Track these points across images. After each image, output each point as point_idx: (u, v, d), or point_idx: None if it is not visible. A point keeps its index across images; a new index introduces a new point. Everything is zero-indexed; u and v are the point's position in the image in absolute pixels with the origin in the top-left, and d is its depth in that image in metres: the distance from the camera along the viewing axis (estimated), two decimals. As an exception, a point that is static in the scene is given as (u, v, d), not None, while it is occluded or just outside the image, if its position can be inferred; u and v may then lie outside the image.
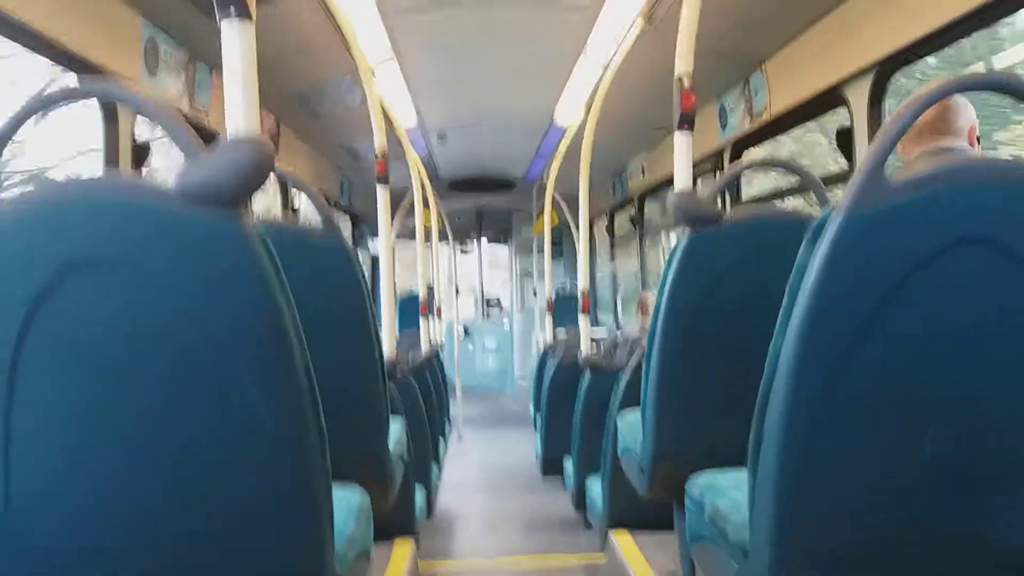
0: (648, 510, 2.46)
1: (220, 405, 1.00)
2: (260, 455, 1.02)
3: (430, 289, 4.91)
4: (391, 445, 1.99)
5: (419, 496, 3.22)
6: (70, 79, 2.37)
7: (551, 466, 4.49)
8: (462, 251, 10.13)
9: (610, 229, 7.17)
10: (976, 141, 1.87)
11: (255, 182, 0.98)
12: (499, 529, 4.20)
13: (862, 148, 2.65)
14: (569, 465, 3.97)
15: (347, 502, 1.51)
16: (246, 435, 1.01)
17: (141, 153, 2.66)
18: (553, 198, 5.06)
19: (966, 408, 1.09)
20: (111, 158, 2.52)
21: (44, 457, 1.00)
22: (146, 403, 1.00)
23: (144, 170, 2.69)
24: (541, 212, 5.68)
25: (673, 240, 5.98)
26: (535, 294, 8.55)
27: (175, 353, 0.98)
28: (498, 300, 10.37)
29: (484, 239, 10.05)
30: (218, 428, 1.01)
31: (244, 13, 1.06)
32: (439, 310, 6.12)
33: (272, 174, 2.04)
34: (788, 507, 1.12)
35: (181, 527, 1.04)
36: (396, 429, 2.15)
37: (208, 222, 0.96)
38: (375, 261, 7.26)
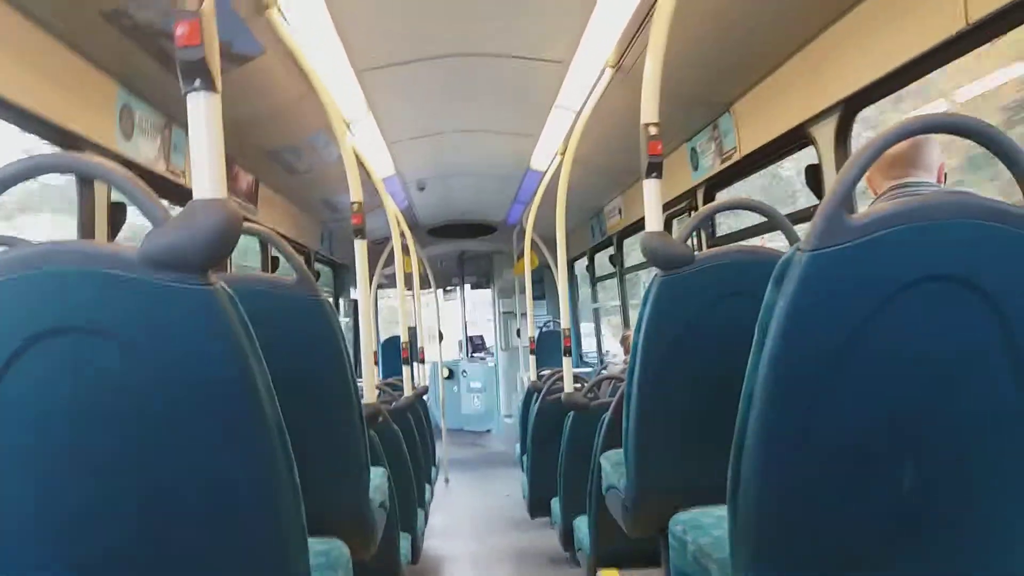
0: (635, 548, 2.45)
1: (192, 468, 1.00)
2: (233, 516, 1.02)
3: (412, 333, 4.91)
4: (372, 494, 1.99)
5: (404, 544, 3.20)
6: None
7: (539, 507, 4.47)
8: (445, 295, 10.15)
9: (591, 268, 7.22)
10: (943, 179, 1.92)
11: (223, 246, 0.98)
12: (488, 571, 4.16)
13: (831, 185, 2.70)
14: (556, 505, 3.96)
15: (326, 556, 1.51)
16: (218, 497, 1.01)
17: (117, 217, 2.67)
18: (533, 240, 5.09)
19: (939, 441, 1.10)
20: (87, 225, 2.53)
21: (13, 524, 1.00)
22: (116, 469, 1.00)
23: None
24: (522, 255, 5.72)
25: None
26: (519, 334, 8.56)
27: (144, 419, 0.98)
28: (482, 340, 10.37)
29: (467, 283, 10.09)
30: (190, 491, 1.01)
31: (210, 87, 1.07)
32: (422, 353, 6.12)
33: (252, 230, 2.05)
34: (768, 545, 1.14)
35: None
36: (377, 478, 2.14)
37: (174, 288, 0.96)
38: (357, 306, 7.26)
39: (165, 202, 2.16)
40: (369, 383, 2.83)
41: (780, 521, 1.13)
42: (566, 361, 3.65)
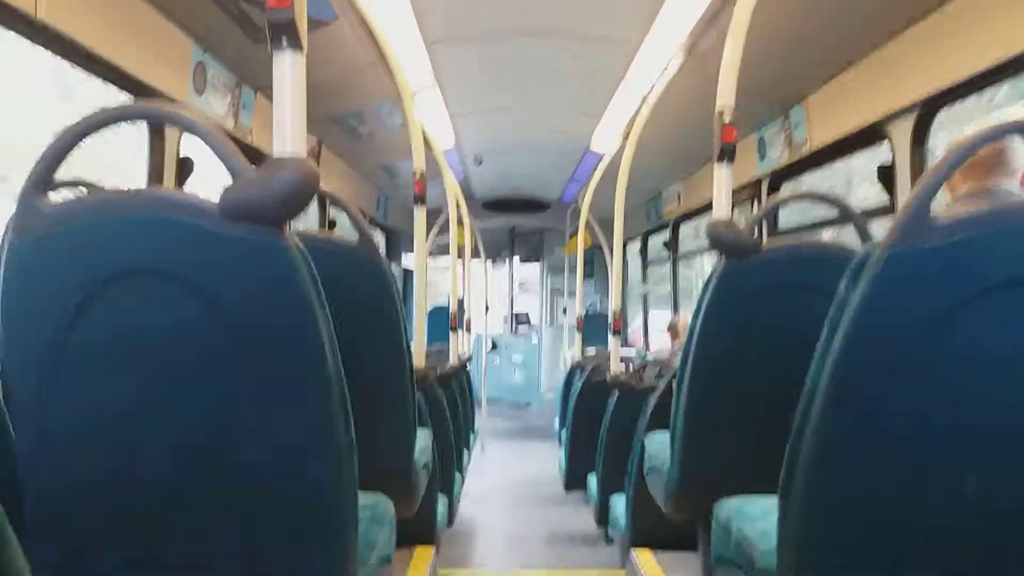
0: (671, 529, 2.46)
1: (255, 415, 1.04)
2: (291, 463, 1.06)
3: (460, 303, 4.98)
4: (416, 454, 2.03)
5: (441, 505, 3.25)
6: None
7: (574, 481, 4.51)
8: (494, 268, 10.21)
9: (643, 252, 7.17)
10: None
11: (299, 202, 1.01)
12: (519, 541, 4.21)
13: (904, 184, 2.65)
14: (593, 481, 3.98)
15: (372, 510, 1.55)
16: (279, 445, 1.05)
17: (185, 169, 2.75)
18: (587, 220, 5.08)
19: (1008, 452, 1.07)
20: (156, 174, 2.60)
21: (79, 453, 1.05)
22: (182, 408, 1.04)
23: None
24: (574, 233, 5.70)
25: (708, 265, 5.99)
26: (564, 311, 8.57)
27: (213, 363, 1.02)
28: (527, 316, 10.41)
29: (516, 257, 10.11)
30: (253, 437, 1.05)
31: (296, 45, 1.10)
32: (468, 323, 6.17)
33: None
34: (818, 541, 1.14)
35: (212, 524, 1.08)
36: (422, 439, 2.18)
37: (250, 238, 0.99)
38: (407, 274, 7.34)
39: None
40: (419, 346, 2.87)
41: (832, 518, 1.12)
42: (614, 341, 3.65)
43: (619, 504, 3.32)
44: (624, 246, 7.51)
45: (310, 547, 1.11)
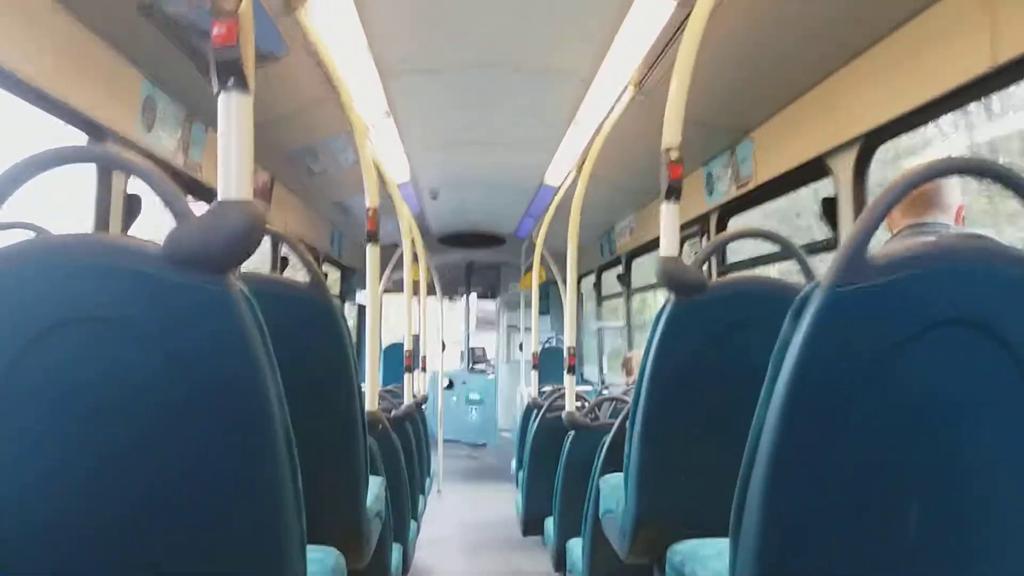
0: (629, 573, 2.44)
1: (197, 466, 1.01)
2: (234, 517, 1.03)
3: (416, 341, 4.89)
4: (369, 503, 1.98)
5: (396, 554, 3.18)
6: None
7: (532, 525, 4.44)
8: (450, 303, 10.15)
9: (597, 287, 7.21)
10: (962, 220, 1.92)
11: (245, 248, 1.00)
12: None
13: (846, 218, 2.70)
14: (550, 525, 3.94)
15: (321, 564, 1.50)
16: (221, 497, 1.02)
17: (132, 208, 2.68)
18: (542, 255, 5.09)
19: (949, 487, 1.09)
20: (102, 217, 2.54)
21: (19, 512, 1.00)
22: (123, 461, 1.00)
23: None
24: (529, 268, 5.71)
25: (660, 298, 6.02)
26: (521, 347, 8.55)
27: (154, 412, 0.99)
28: (483, 351, 10.36)
29: (472, 293, 10.09)
30: (194, 488, 1.01)
31: (243, 86, 1.08)
32: (424, 362, 6.11)
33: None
34: None
35: None
36: (375, 487, 2.13)
37: (194, 286, 0.97)
38: (362, 310, 7.26)
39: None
40: (372, 390, 2.82)
41: (783, 557, 1.12)
42: (569, 379, 3.63)
43: (576, 548, 3.28)
44: (579, 281, 7.58)
45: None
